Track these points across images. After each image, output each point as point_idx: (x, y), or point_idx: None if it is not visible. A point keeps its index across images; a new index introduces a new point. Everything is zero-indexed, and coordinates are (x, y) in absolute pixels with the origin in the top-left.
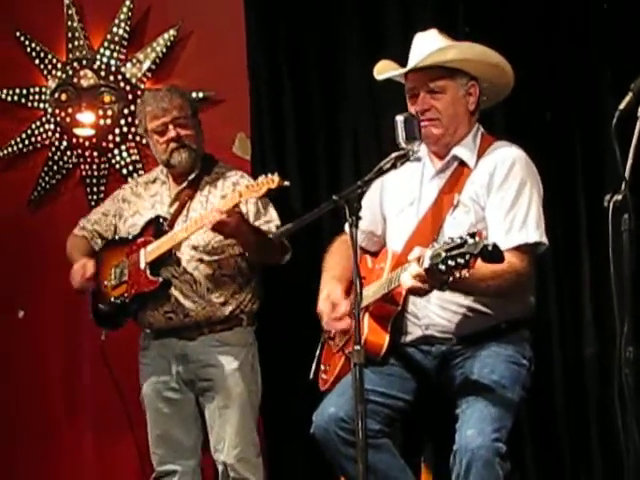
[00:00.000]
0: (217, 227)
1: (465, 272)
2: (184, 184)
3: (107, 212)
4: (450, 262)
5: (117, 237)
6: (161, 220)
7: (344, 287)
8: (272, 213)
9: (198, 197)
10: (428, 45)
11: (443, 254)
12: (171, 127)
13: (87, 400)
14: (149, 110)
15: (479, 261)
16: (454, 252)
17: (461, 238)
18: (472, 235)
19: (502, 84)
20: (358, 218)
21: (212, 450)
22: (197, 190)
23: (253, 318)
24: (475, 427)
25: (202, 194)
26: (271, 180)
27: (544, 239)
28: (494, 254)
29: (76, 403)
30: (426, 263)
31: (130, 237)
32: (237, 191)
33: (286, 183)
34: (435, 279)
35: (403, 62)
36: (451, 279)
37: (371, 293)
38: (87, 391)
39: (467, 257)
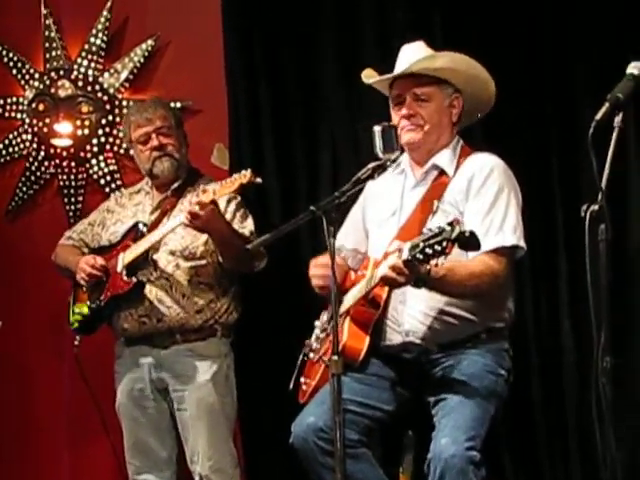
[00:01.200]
0: (190, 219)
1: (442, 259)
2: (167, 193)
3: (93, 222)
4: (428, 250)
5: (98, 246)
6: (140, 225)
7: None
8: (248, 221)
9: (179, 206)
10: (416, 54)
11: (421, 244)
12: (154, 136)
13: (65, 408)
14: (133, 120)
15: (457, 262)
16: (432, 241)
17: (439, 227)
18: (450, 224)
19: (484, 98)
20: (336, 229)
21: (188, 462)
22: (179, 199)
23: (229, 329)
24: (449, 436)
25: (183, 203)
26: (243, 175)
27: (522, 243)
28: (471, 240)
29: (55, 411)
30: (405, 255)
31: (109, 245)
32: (211, 189)
33: (258, 180)
34: (413, 270)
35: (383, 73)
36: (428, 268)
37: (352, 297)
38: (65, 399)
39: (444, 243)
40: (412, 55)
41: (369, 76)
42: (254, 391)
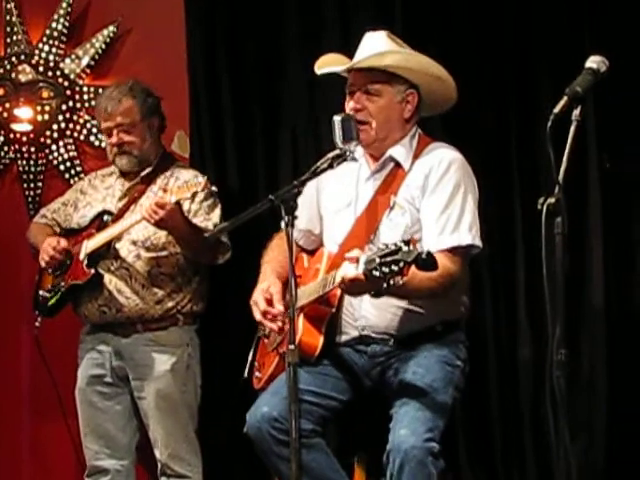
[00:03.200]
0: (148, 217)
1: (399, 279)
2: (137, 179)
3: (66, 202)
4: (384, 269)
5: (68, 227)
6: (105, 215)
7: (283, 283)
8: (215, 213)
9: (147, 193)
10: (373, 46)
11: (377, 260)
12: (115, 132)
13: (25, 391)
14: (98, 109)
15: (413, 268)
16: (388, 259)
17: (395, 245)
18: (406, 243)
19: (444, 96)
20: (294, 218)
21: (153, 447)
22: (149, 186)
23: (193, 318)
24: (408, 427)
25: (152, 191)
26: (198, 183)
27: (477, 242)
28: (428, 262)
29: (14, 392)
30: (360, 268)
31: (78, 228)
32: (169, 190)
33: (213, 188)
34: (369, 285)
35: (348, 55)
36: (385, 285)
37: (306, 294)
38: (25, 382)
39: (401, 264)
40: (370, 47)
41: (322, 65)
42: (218, 379)
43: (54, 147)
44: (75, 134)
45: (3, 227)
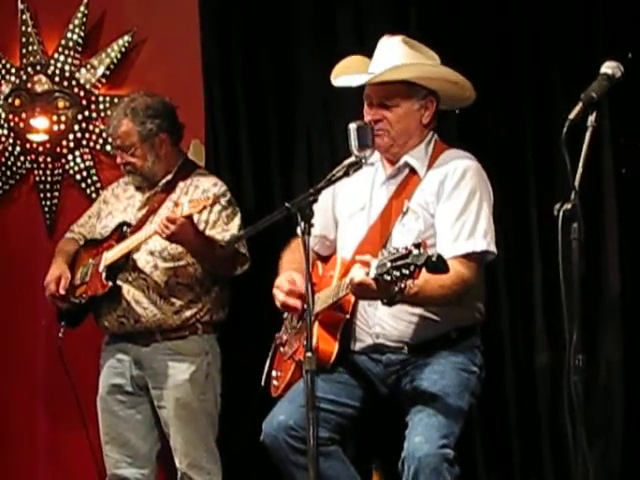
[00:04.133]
0: (160, 231)
1: (410, 282)
2: (157, 189)
3: (91, 214)
4: (395, 272)
5: (92, 237)
6: (124, 227)
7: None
8: (234, 223)
9: (167, 203)
10: (390, 55)
11: (388, 264)
12: (118, 152)
13: (42, 398)
14: (108, 127)
15: (424, 272)
16: (399, 262)
17: (406, 248)
18: (417, 246)
19: (462, 97)
20: (310, 225)
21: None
22: (169, 195)
23: (213, 326)
24: (423, 434)
25: (172, 200)
26: (207, 198)
27: (492, 248)
28: (438, 265)
29: (34, 400)
30: (372, 273)
31: (101, 238)
32: (180, 204)
33: (225, 199)
34: (382, 289)
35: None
36: (397, 289)
37: (320, 301)
38: (42, 389)
39: (412, 268)
40: (387, 56)
41: (343, 70)
42: (239, 387)
43: (70, 157)
44: (91, 144)
45: (20, 237)
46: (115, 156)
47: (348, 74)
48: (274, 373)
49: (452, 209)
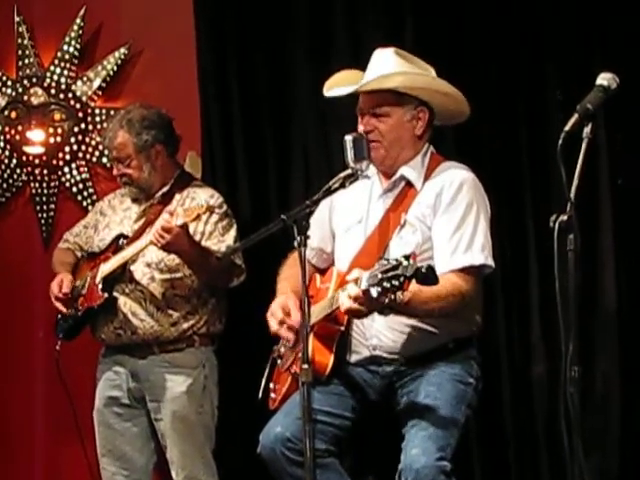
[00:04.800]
0: (155, 241)
1: (400, 294)
2: (153, 201)
3: (87, 224)
4: (385, 284)
5: (90, 250)
6: (121, 239)
7: (299, 299)
8: (229, 235)
9: (163, 215)
10: (381, 65)
11: (379, 275)
12: (115, 163)
13: (42, 412)
14: (104, 139)
15: (419, 285)
16: (389, 274)
17: (396, 260)
18: (407, 257)
19: (456, 110)
20: (306, 237)
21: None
22: (165, 207)
23: (210, 339)
24: (419, 446)
25: (168, 212)
26: (201, 206)
27: (490, 261)
28: (428, 276)
29: (31, 411)
30: (363, 285)
31: (99, 251)
32: (175, 213)
33: (220, 210)
34: (372, 302)
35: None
36: (387, 301)
37: (315, 313)
38: (40, 402)
39: (401, 279)
40: (379, 66)
41: (335, 83)
42: (236, 400)
43: (66, 169)
44: (87, 156)
45: (16, 249)
46: (111, 168)
47: (341, 86)
48: (272, 386)
49: (449, 222)
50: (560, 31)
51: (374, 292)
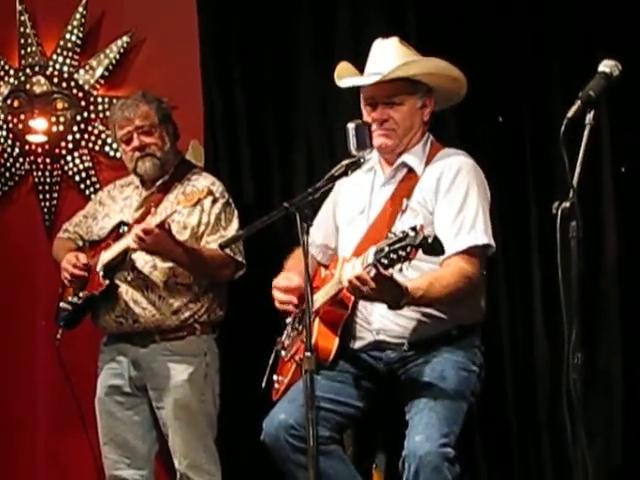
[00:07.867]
0: (137, 242)
1: (406, 264)
2: (153, 189)
3: (87, 214)
4: (392, 255)
5: (91, 239)
6: (122, 226)
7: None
8: (232, 224)
9: (164, 203)
10: (390, 55)
11: (386, 248)
12: (135, 136)
13: (44, 401)
14: (115, 119)
15: (432, 276)
16: (396, 245)
17: (403, 232)
18: (413, 229)
19: (456, 94)
20: (309, 225)
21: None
22: (166, 195)
23: (212, 327)
24: (423, 433)
25: (169, 200)
26: (200, 191)
27: (492, 242)
28: (434, 246)
29: (33, 400)
30: (370, 258)
31: (99, 240)
32: (176, 199)
33: (221, 197)
34: (379, 283)
35: (358, 68)
36: (391, 272)
37: (321, 296)
38: (42, 391)
39: (408, 249)
40: (386, 56)
41: (342, 75)
42: (237, 388)
43: (69, 158)
44: (90, 145)
45: (19, 238)
46: (114, 158)
47: (347, 76)
48: (275, 378)
49: (451, 206)
50: (563, 19)
51: (382, 264)
